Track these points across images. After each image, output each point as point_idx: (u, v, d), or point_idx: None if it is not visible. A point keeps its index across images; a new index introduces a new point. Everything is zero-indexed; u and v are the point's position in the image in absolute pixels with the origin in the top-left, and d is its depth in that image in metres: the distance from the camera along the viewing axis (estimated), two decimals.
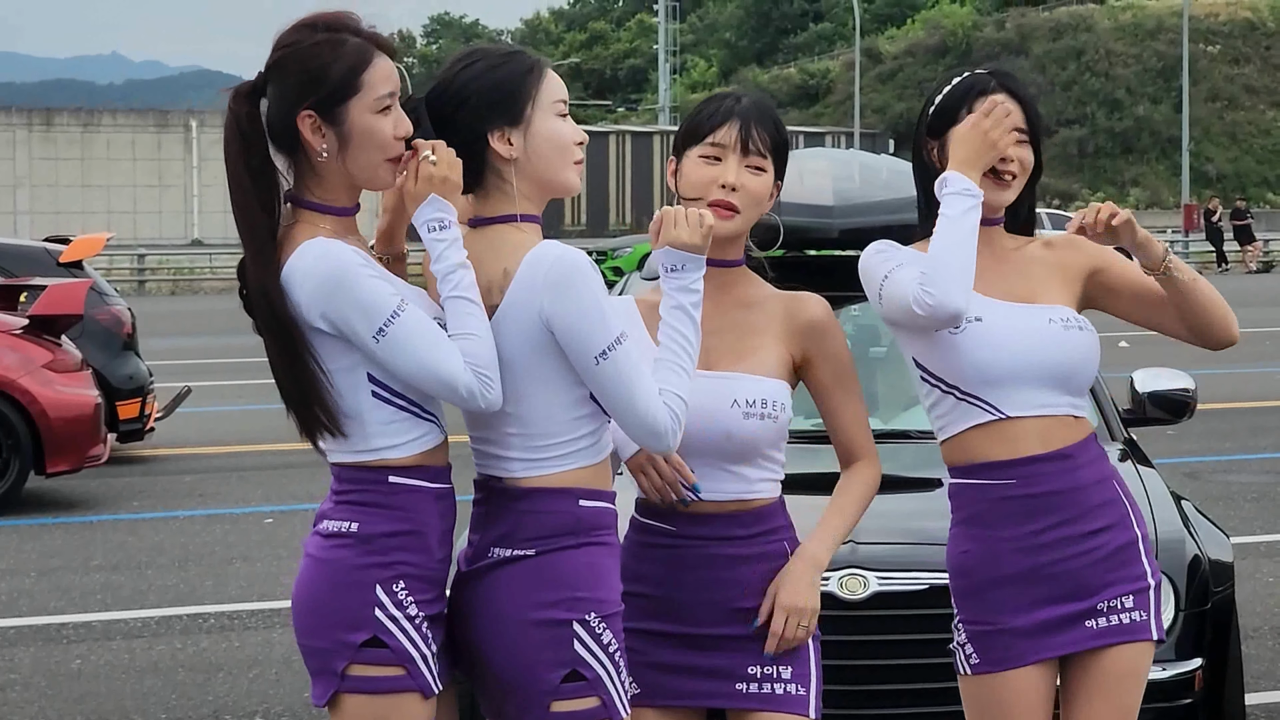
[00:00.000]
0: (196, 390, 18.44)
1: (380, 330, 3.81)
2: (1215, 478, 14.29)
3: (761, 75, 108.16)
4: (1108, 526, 4.47)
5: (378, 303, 3.82)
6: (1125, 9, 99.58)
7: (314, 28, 3.92)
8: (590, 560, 3.94)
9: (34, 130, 65.79)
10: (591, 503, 3.97)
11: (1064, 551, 4.44)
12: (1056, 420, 4.48)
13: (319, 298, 3.83)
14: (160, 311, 34.40)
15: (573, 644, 3.89)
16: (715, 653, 4.22)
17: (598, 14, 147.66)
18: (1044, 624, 4.46)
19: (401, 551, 3.89)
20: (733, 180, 4.22)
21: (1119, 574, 4.45)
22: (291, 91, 3.90)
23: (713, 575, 4.22)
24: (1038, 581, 4.46)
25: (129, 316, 16.23)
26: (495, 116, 4.00)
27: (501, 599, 3.94)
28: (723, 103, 4.30)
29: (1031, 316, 4.47)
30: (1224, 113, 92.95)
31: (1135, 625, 4.45)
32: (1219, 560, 6.13)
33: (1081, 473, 4.47)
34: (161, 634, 9.59)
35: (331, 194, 3.96)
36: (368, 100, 3.89)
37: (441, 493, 3.97)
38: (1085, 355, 4.48)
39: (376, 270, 3.88)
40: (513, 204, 4.02)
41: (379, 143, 3.91)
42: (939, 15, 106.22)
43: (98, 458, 13.74)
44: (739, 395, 4.19)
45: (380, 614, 3.87)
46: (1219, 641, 5.99)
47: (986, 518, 4.49)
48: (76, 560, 11.63)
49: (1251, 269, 53.56)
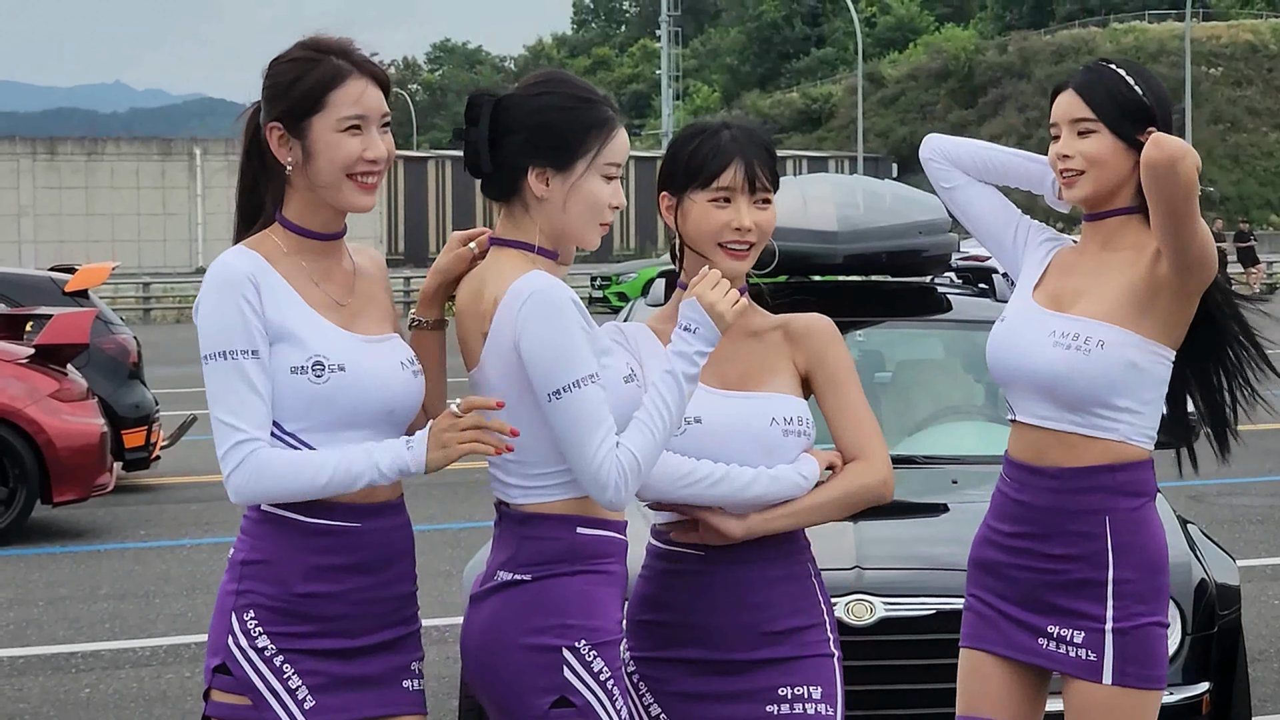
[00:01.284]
0: (201, 418, 18.45)
1: (204, 358, 3.90)
2: (1220, 501, 14.29)
3: (764, 100, 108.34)
4: (1074, 556, 4.46)
5: (219, 332, 3.88)
6: (1127, 32, 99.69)
7: (303, 45, 4.01)
8: (584, 588, 3.96)
9: (38, 159, 65.84)
10: (591, 531, 3.99)
11: (1024, 561, 4.52)
12: (1058, 437, 4.49)
13: (199, 299, 3.95)
14: (165, 340, 34.38)
15: (562, 670, 3.91)
16: (744, 676, 4.21)
17: (601, 40, 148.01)
18: (1003, 616, 4.55)
19: (253, 581, 3.93)
20: (747, 223, 4.23)
21: (1073, 605, 4.46)
22: (266, 102, 4.00)
23: (742, 598, 4.21)
24: (999, 576, 4.57)
25: (135, 345, 16.24)
26: (542, 155, 4.00)
27: (498, 622, 3.97)
28: (716, 139, 4.27)
29: (1043, 325, 4.51)
30: (1227, 135, 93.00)
31: (1082, 663, 4.45)
32: (1225, 584, 6.14)
33: (1067, 497, 4.47)
34: (170, 662, 9.60)
35: (299, 214, 4.01)
36: (330, 119, 3.94)
37: (314, 528, 3.93)
38: (1072, 373, 4.43)
39: (255, 309, 3.88)
40: (533, 236, 4.05)
41: (340, 160, 3.94)
42: (941, 39, 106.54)
43: (104, 486, 13.75)
44: (776, 414, 4.22)
45: (230, 642, 3.92)
46: (1226, 665, 6.00)
47: (993, 502, 4.65)
48: (84, 589, 11.64)
49: (1255, 291, 53.57)
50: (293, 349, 3.88)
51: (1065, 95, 4.57)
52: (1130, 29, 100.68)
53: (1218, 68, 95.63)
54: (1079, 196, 4.54)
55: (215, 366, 3.88)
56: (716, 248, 4.23)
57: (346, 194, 3.97)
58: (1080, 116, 4.52)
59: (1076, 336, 4.44)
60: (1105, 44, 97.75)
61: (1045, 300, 4.57)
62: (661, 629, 4.24)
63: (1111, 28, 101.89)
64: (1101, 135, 4.49)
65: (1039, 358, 4.47)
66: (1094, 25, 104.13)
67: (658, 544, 4.32)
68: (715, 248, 4.23)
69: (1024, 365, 4.51)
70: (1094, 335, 4.43)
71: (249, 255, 3.92)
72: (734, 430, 4.18)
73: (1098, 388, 4.44)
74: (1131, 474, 4.48)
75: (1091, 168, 4.50)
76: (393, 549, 3.99)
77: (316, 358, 3.88)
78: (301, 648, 3.90)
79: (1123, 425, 4.47)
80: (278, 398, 3.89)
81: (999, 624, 4.57)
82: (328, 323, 3.94)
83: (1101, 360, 4.43)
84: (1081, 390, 4.43)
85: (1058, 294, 4.56)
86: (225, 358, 3.86)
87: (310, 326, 3.91)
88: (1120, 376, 4.43)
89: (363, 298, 4.05)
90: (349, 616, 3.94)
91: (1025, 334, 4.52)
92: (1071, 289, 4.54)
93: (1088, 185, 4.51)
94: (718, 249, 4.23)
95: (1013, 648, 4.55)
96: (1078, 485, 4.47)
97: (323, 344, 3.90)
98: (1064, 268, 4.62)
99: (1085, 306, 4.48)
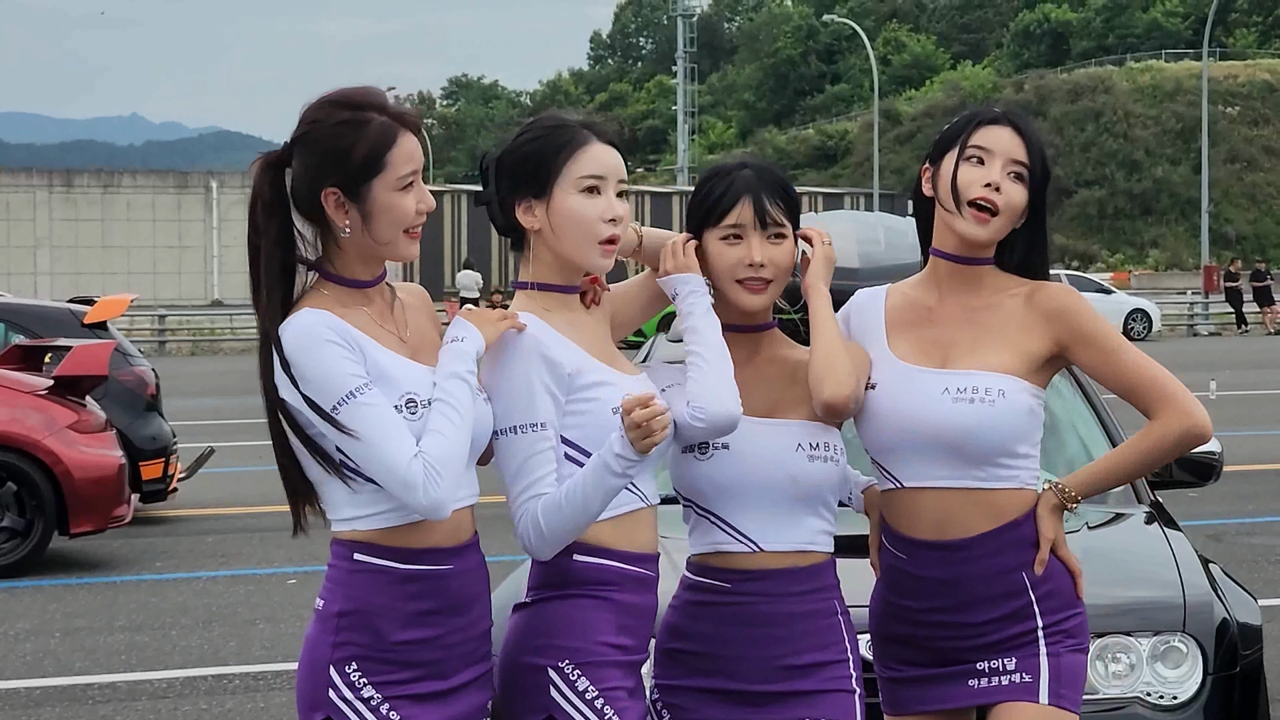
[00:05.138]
0: (219, 451, 18.48)
1: (334, 408, 3.84)
2: (1239, 540, 14.25)
3: (779, 136, 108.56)
4: (1000, 618, 4.39)
5: (334, 379, 3.84)
6: (1144, 70, 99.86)
7: (340, 105, 3.97)
8: (574, 612, 4.06)
9: (54, 191, 65.95)
10: (588, 559, 4.08)
11: (941, 632, 4.42)
12: (961, 498, 4.38)
13: (290, 362, 3.89)
14: (181, 372, 34.46)
15: (549, 690, 4.03)
16: (766, 709, 4.25)
17: (617, 76, 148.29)
18: (920, 679, 4.48)
19: (350, 632, 3.93)
20: (759, 258, 4.28)
21: (1004, 650, 4.40)
22: (315, 168, 3.95)
23: (765, 632, 4.25)
24: (914, 648, 4.48)
25: (153, 377, 16.27)
26: (521, 187, 4.13)
27: (506, 641, 4.12)
28: (729, 178, 4.33)
29: (929, 385, 4.38)
30: (1243, 174, 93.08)
31: (1017, 686, 4.39)
32: (1247, 623, 6.11)
33: (980, 564, 4.37)
34: (186, 695, 9.59)
35: (349, 267, 4.02)
36: (390, 179, 3.95)
37: (407, 575, 3.94)
38: (980, 427, 4.32)
39: (352, 350, 3.87)
40: (529, 271, 4.17)
41: (400, 218, 3.97)
42: (958, 77, 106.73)
43: (121, 518, 13.76)
44: (802, 439, 4.27)
45: (334, 695, 3.92)
46: (1248, 705, 5.97)
47: (886, 576, 4.51)
48: (100, 621, 11.64)
49: (1271, 331, 53.51)
50: (385, 390, 3.87)
51: (1006, 131, 4.41)
52: (1147, 68, 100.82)
53: (1235, 107, 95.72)
54: (981, 237, 4.39)
55: (348, 412, 3.84)
56: (734, 284, 4.30)
57: (402, 248, 4.00)
58: (1019, 159, 4.40)
59: (975, 390, 4.33)
60: (1122, 82, 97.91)
61: (916, 357, 4.43)
62: (687, 658, 4.30)
63: (1128, 66, 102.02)
64: (1025, 187, 4.40)
65: (938, 416, 4.33)
66: (1110, 64, 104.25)
67: (689, 575, 4.37)
68: (733, 284, 4.31)
69: (920, 427, 4.35)
70: (992, 386, 4.33)
71: (320, 314, 3.91)
72: (759, 457, 4.25)
73: (1004, 438, 4.34)
74: (1031, 524, 4.41)
75: (1006, 213, 4.38)
76: (477, 587, 4.04)
77: (409, 395, 3.89)
78: (405, 694, 3.92)
79: (1022, 472, 4.40)
80: None
81: (923, 687, 4.49)
82: (408, 360, 3.96)
83: (1007, 409, 4.34)
84: (988, 443, 4.33)
85: (926, 350, 4.44)
86: (352, 397, 3.83)
87: (395, 366, 3.92)
88: (1022, 423, 4.37)
89: (417, 333, 4.08)
90: (444, 659, 3.97)
91: (913, 396, 4.37)
92: (945, 341, 4.43)
93: (994, 230, 4.39)
94: (735, 285, 4.30)
95: (943, 701, 4.47)
96: (988, 550, 4.38)
97: (411, 382, 3.91)
98: (916, 317, 4.49)
99: (972, 360, 4.38)
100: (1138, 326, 49.74)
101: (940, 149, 4.48)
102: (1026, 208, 4.42)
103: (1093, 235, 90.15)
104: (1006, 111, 4.49)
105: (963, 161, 4.40)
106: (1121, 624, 5.67)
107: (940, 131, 4.55)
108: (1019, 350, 4.39)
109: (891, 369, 4.44)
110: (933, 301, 4.51)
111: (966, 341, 4.42)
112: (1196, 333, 54.85)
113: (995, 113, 4.47)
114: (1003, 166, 4.39)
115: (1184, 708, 5.70)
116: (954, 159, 4.42)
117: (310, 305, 3.94)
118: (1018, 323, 4.42)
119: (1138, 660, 5.70)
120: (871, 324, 4.54)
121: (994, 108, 4.51)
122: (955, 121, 4.51)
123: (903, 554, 4.44)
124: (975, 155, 4.40)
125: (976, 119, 4.45)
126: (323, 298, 3.98)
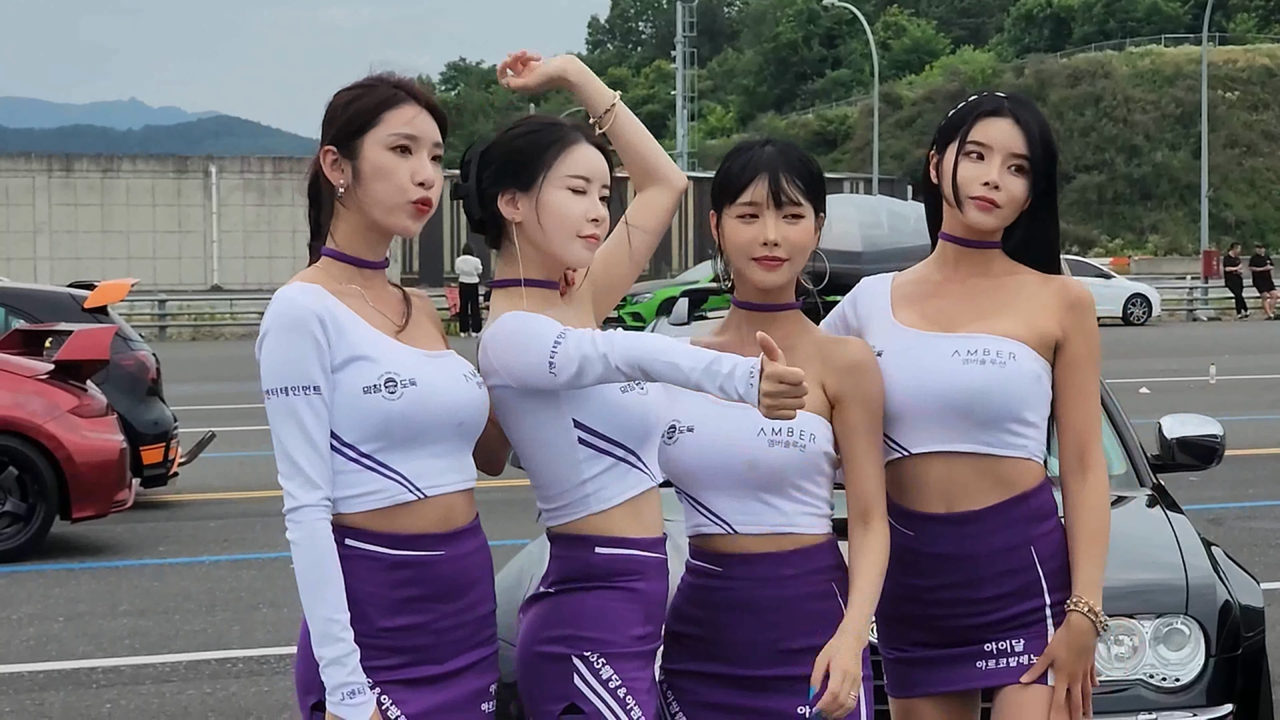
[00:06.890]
0: (220, 436, 18.49)
1: (267, 393, 3.91)
2: (1239, 524, 14.26)
3: (779, 121, 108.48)
4: (1008, 594, 4.39)
5: (280, 367, 3.88)
6: (1143, 55, 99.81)
7: (361, 82, 4.06)
8: (598, 603, 4.09)
9: (53, 176, 65.88)
10: (609, 550, 4.11)
11: (951, 610, 4.42)
12: (970, 466, 4.38)
13: (262, 330, 3.95)
14: (181, 357, 34.45)
15: (572, 678, 4.06)
16: (764, 693, 4.23)
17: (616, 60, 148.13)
18: (928, 660, 4.48)
19: None
20: (773, 237, 4.24)
21: (1012, 630, 4.41)
22: (321, 131, 4.04)
23: (757, 617, 4.24)
24: (922, 628, 4.48)
25: (154, 362, 16.28)
26: (507, 179, 4.18)
27: (525, 630, 4.15)
28: (749, 155, 4.31)
29: (938, 347, 4.39)
30: (1243, 159, 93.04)
31: (1026, 668, 4.40)
32: (1250, 606, 6.12)
33: (988, 539, 4.38)
34: (190, 679, 9.62)
35: (350, 242, 4.04)
36: (381, 135, 3.98)
37: (395, 561, 3.95)
38: (990, 387, 4.34)
39: (320, 345, 3.89)
40: (517, 268, 4.18)
41: (394, 182, 3.97)
42: (958, 62, 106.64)
43: (123, 503, 13.78)
44: (765, 423, 4.19)
45: None
46: (1250, 687, 5.99)
47: (893, 556, 4.38)
48: (103, 605, 11.66)
49: (1271, 316, 53.50)
50: (363, 369, 3.89)
51: (1004, 123, 4.42)
52: (1147, 52, 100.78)
53: (1234, 91, 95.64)
54: (986, 226, 4.42)
55: (275, 403, 3.89)
56: (750, 262, 4.27)
57: (397, 216, 4.00)
58: (1018, 153, 4.40)
59: (986, 351, 4.36)
60: (1122, 67, 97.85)
61: (922, 324, 4.45)
62: (689, 641, 4.31)
63: (1128, 51, 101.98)
64: (1026, 179, 4.41)
65: (949, 378, 4.34)
66: (1110, 49, 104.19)
67: (690, 560, 4.36)
68: (749, 262, 4.27)
69: (931, 388, 4.35)
70: (1002, 349, 4.35)
71: (311, 289, 3.93)
72: (716, 440, 4.22)
73: (1013, 402, 4.35)
74: (1040, 498, 4.43)
75: (1009, 206, 4.41)
76: (473, 573, 4.03)
77: (388, 374, 3.90)
78: (395, 679, 3.93)
79: (1030, 442, 4.41)
80: (352, 421, 3.90)
81: (930, 669, 4.49)
82: (393, 341, 3.97)
83: (1016, 372, 4.35)
84: (998, 405, 4.34)
85: (933, 317, 4.46)
86: (285, 394, 3.87)
87: (377, 346, 3.93)
88: (1031, 389, 4.38)
89: (414, 321, 4.09)
90: (437, 645, 3.97)
91: (923, 358, 4.38)
92: (950, 312, 4.45)
93: (999, 217, 4.41)
94: (751, 263, 4.27)
95: (950, 683, 4.48)
96: (997, 523, 4.38)
97: (393, 361, 3.93)
98: (923, 292, 4.51)
99: (981, 325, 4.40)
100: (1137, 312, 49.69)
101: (943, 139, 4.50)
102: (1029, 194, 4.44)
103: (1092, 220, 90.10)
104: (1008, 100, 4.49)
105: (963, 157, 4.43)
106: (1124, 606, 5.67)
107: (944, 118, 4.56)
108: (1029, 322, 4.41)
109: (899, 335, 4.44)
110: (940, 278, 4.53)
111: (975, 310, 4.44)
112: (1196, 318, 54.82)
113: (996, 103, 4.47)
114: (1002, 161, 4.41)
115: (1186, 689, 5.72)
116: (954, 153, 4.44)
117: (304, 280, 3.97)
118: (1032, 297, 4.45)
119: (1141, 642, 5.72)
120: (877, 305, 4.56)
121: (996, 94, 4.51)
122: (958, 109, 4.51)
123: (910, 531, 4.42)
124: (975, 151, 4.42)
125: (977, 110, 4.46)
126: (318, 272, 4.01)
